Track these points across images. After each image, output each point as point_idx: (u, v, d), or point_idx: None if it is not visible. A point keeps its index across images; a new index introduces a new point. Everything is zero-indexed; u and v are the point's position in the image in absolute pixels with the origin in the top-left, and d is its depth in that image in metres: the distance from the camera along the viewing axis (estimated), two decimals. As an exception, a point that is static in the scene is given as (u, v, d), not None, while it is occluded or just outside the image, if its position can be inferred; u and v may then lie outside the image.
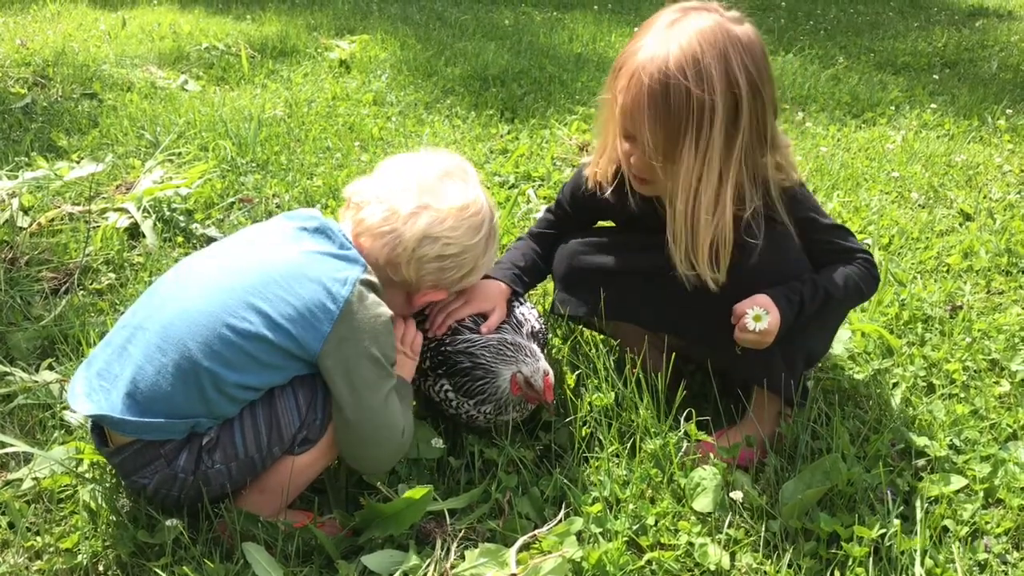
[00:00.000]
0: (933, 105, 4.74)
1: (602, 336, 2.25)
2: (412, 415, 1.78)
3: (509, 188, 3.52)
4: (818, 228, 1.90)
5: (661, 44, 1.68)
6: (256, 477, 1.67)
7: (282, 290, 1.59)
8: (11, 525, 1.69)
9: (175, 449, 1.59)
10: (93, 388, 1.59)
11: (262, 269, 1.63)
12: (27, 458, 1.85)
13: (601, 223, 2.18)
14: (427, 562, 1.59)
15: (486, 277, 1.98)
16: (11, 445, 1.81)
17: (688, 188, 1.72)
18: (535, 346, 1.92)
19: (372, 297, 1.65)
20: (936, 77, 5.47)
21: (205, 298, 1.59)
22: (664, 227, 1.84)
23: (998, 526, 1.75)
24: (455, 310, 1.94)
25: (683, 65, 1.64)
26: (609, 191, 1.98)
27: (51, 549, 1.66)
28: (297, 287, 1.59)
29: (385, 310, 1.65)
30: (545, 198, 3.41)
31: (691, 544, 1.69)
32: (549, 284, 2.34)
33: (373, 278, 1.68)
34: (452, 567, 1.58)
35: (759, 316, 1.74)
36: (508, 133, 4.17)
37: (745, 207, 1.78)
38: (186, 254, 2.63)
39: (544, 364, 1.86)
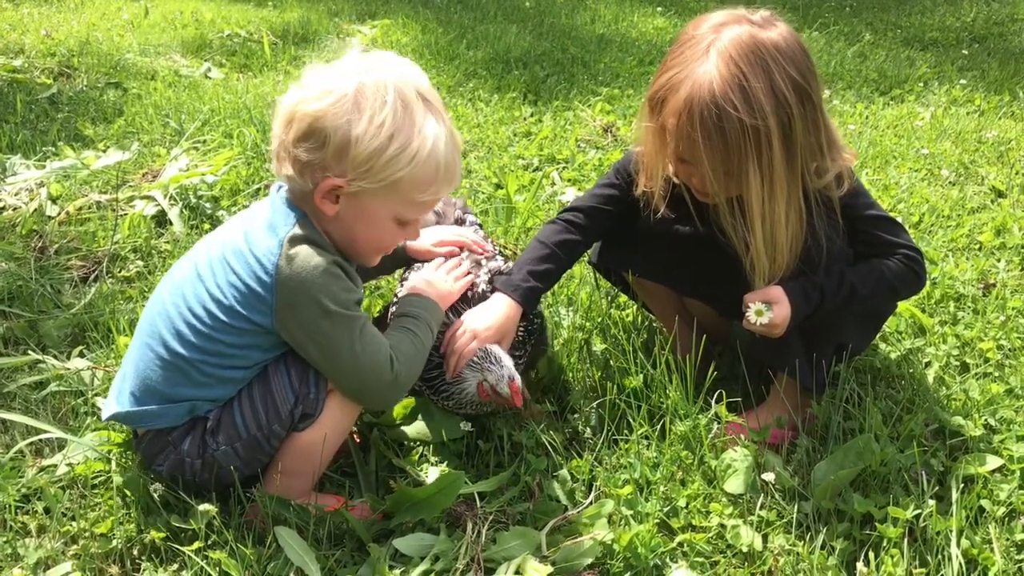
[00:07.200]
0: (962, 80, 4.66)
1: (630, 319, 2.23)
2: (420, 341, 1.74)
3: (533, 171, 3.50)
4: (860, 218, 1.86)
5: (703, 73, 1.63)
6: (270, 459, 1.68)
7: (224, 271, 1.59)
8: (47, 510, 1.71)
9: (181, 435, 1.65)
10: (117, 390, 1.69)
11: (214, 253, 1.64)
12: (60, 444, 1.87)
13: None
14: (459, 545, 1.59)
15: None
16: (45, 431, 1.83)
17: (761, 209, 1.70)
18: (502, 352, 1.82)
19: (303, 251, 1.56)
20: (965, 52, 5.38)
21: (172, 291, 1.65)
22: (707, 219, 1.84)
23: (1035, 506, 1.73)
24: (464, 347, 1.82)
25: (729, 95, 1.60)
26: (663, 209, 1.92)
27: (86, 534, 1.67)
28: (235, 263, 1.59)
29: (320, 260, 1.56)
30: (570, 180, 3.39)
31: (723, 526, 1.68)
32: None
33: (300, 231, 1.59)
34: (483, 550, 1.59)
35: (760, 311, 1.75)
36: (531, 115, 4.15)
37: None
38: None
39: (509, 370, 1.79)
